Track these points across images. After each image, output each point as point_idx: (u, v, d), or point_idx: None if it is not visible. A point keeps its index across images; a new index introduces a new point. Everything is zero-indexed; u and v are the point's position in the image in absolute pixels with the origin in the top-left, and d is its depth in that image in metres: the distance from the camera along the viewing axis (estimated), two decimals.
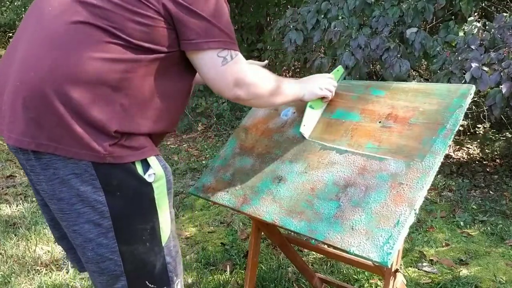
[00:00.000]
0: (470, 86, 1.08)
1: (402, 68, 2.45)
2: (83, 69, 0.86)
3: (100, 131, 0.87)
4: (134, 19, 0.88)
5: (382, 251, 0.89)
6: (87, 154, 0.87)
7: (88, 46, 0.86)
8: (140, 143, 0.93)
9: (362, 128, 1.16)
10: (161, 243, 0.98)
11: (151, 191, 0.94)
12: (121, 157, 0.90)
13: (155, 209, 0.95)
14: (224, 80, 0.98)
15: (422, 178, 0.96)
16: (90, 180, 0.89)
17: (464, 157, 3.38)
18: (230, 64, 0.97)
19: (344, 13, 2.79)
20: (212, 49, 0.94)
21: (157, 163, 0.96)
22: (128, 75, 0.89)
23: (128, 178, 0.91)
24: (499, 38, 2.26)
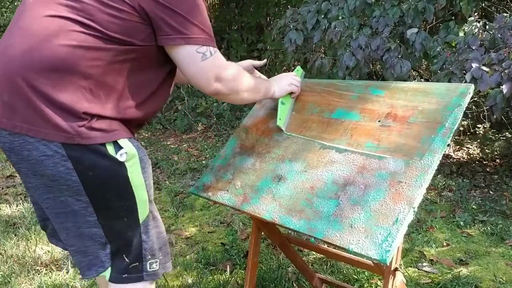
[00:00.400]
0: (469, 85, 1.09)
1: (403, 68, 2.45)
2: (53, 55, 0.90)
3: (69, 112, 0.91)
4: (109, 12, 0.92)
5: (381, 249, 0.89)
6: (57, 135, 0.91)
7: (60, 35, 0.91)
8: (110, 126, 0.96)
9: (362, 127, 1.16)
10: (138, 220, 1.01)
11: (125, 169, 0.97)
12: (90, 138, 0.93)
13: (130, 187, 0.98)
14: (204, 75, 1.01)
15: (421, 176, 0.97)
16: (61, 161, 0.92)
17: (464, 157, 3.38)
18: (210, 60, 1.00)
19: (344, 13, 2.79)
20: (190, 44, 0.98)
21: (129, 144, 0.98)
22: (99, 63, 0.93)
23: (99, 158, 0.94)
24: (500, 39, 2.26)
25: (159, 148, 4.08)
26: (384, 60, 2.54)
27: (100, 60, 0.93)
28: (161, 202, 2.85)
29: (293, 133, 1.28)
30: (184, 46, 0.98)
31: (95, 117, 0.94)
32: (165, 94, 1.10)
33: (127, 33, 0.94)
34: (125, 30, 0.94)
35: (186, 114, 4.71)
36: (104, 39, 0.93)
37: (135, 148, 1.00)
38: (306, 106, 1.34)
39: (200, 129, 4.58)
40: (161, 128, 4.75)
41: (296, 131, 1.28)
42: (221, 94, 1.07)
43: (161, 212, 2.69)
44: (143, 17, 0.94)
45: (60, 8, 0.93)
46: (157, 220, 1.08)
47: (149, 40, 0.97)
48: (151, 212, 1.05)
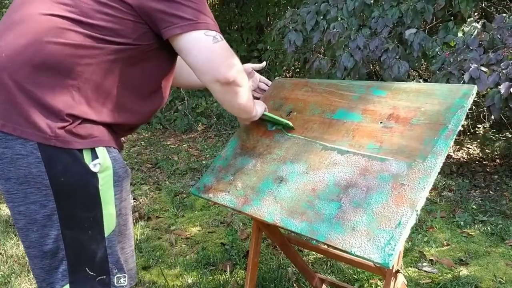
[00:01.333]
0: (472, 86, 1.08)
1: (400, 69, 2.45)
2: (40, 51, 0.88)
3: (51, 112, 0.88)
4: (102, 10, 0.90)
5: (384, 252, 0.89)
6: (33, 133, 0.88)
7: (50, 32, 0.89)
8: (91, 132, 0.93)
9: (364, 128, 1.16)
10: (103, 233, 0.97)
11: (96, 180, 0.93)
12: (68, 142, 0.89)
13: (98, 199, 0.94)
14: (221, 58, 0.94)
15: (423, 179, 0.96)
16: (35, 162, 0.89)
17: (464, 157, 3.38)
18: (222, 44, 0.95)
19: (344, 14, 2.79)
20: (198, 29, 0.92)
21: (105, 154, 0.95)
22: (88, 61, 0.90)
23: (73, 165, 0.90)
24: (498, 39, 2.26)
25: (159, 148, 4.07)
26: (382, 60, 2.54)
27: (90, 58, 0.90)
28: (161, 202, 2.85)
29: (294, 134, 1.28)
30: (191, 32, 0.92)
31: (78, 120, 0.91)
32: (160, 98, 1.06)
33: (120, 32, 0.91)
34: (118, 29, 0.91)
35: (186, 114, 4.71)
36: (95, 38, 0.90)
37: (111, 160, 0.96)
38: (307, 106, 1.33)
39: (200, 129, 4.58)
40: (161, 128, 4.74)
41: (297, 132, 1.28)
42: (236, 84, 0.98)
43: (161, 212, 2.69)
44: (139, 15, 0.92)
45: (53, 5, 0.91)
46: (124, 236, 1.03)
47: (143, 39, 0.94)
48: (118, 226, 1.00)
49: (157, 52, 0.98)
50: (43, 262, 0.95)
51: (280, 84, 1.48)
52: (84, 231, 0.95)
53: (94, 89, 0.92)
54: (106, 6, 0.90)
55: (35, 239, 0.94)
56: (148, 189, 3.07)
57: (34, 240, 0.94)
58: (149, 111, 1.05)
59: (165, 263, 2.09)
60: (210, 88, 1.00)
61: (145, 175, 3.38)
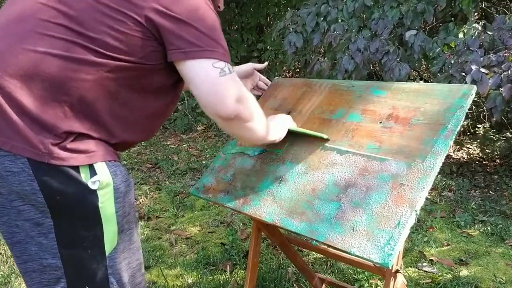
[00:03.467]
0: (471, 87, 1.08)
1: (401, 72, 2.45)
2: (33, 62, 0.82)
3: (43, 127, 0.82)
4: (107, 23, 0.83)
5: (383, 252, 0.89)
6: (25, 149, 0.82)
7: (45, 42, 0.83)
8: (87, 147, 0.87)
9: (363, 128, 1.16)
10: (104, 252, 0.92)
11: (95, 198, 0.87)
12: (63, 159, 0.83)
13: (98, 217, 0.89)
14: (224, 92, 0.87)
15: (423, 179, 0.96)
16: (27, 180, 0.83)
17: (464, 157, 3.38)
18: (229, 77, 0.88)
19: (344, 16, 2.79)
20: (206, 58, 0.86)
21: (105, 170, 0.89)
22: (85, 77, 0.84)
23: (69, 183, 0.84)
24: (499, 40, 2.26)
25: (159, 148, 4.07)
26: (383, 63, 2.54)
27: (88, 74, 0.84)
28: (161, 202, 2.85)
29: (293, 134, 1.28)
30: (198, 61, 0.86)
31: (72, 135, 0.85)
32: (163, 116, 1.01)
33: (126, 49, 0.85)
34: (124, 46, 0.84)
35: (186, 114, 4.71)
36: (96, 52, 0.84)
37: (111, 175, 0.89)
38: (306, 106, 1.33)
39: (200, 129, 4.57)
40: (161, 128, 4.74)
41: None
42: (239, 119, 0.91)
43: (161, 212, 2.69)
44: (150, 32, 0.85)
45: (53, 12, 0.84)
46: (129, 250, 0.97)
47: (150, 58, 0.88)
48: (122, 243, 0.95)
49: (164, 71, 0.92)
50: (42, 276, 0.91)
51: (279, 84, 1.48)
52: (84, 250, 0.90)
53: (89, 106, 0.86)
54: (112, 19, 0.83)
55: (34, 252, 0.89)
56: (148, 189, 3.08)
57: (34, 253, 0.90)
58: (150, 130, 1.00)
59: (165, 263, 2.09)
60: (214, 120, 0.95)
61: (145, 175, 3.38)
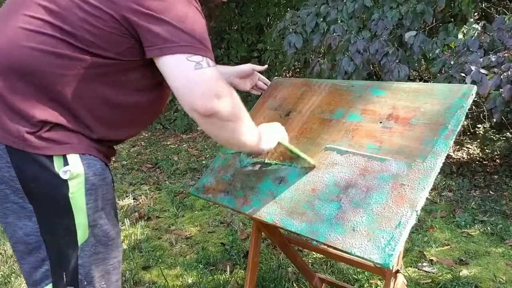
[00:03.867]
0: (472, 87, 1.08)
1: (400, 73, 2.45)
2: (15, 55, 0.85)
3: (21, 116, 0.86)
4: (87, 20, 0.85)
5: (384, 253, 0.89)
6: (3, 136, 0.86)
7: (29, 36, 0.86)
8: (63, 139, 0.89)
9: (363, 128, 1.16)
10: (77, 242, 0.94)
11: (65, 188, 0.90)
12: (37, 148, 0.87)
13: (69, 207, 0.91)
14: (200, 87, 0.85)
15: (423, 179, 0.96)
16: (6, 167, 0.88)
17: (464, 157, 3.38)
18: (207, 70, 0.85)
19: (343, 16, 2.79)
20: (179, 53, 0.85)
21: (78, 161, 0.90)
22: (65, 72, 0.86)
23: (42, 171, 0.88)
24: (499, 41, 2.26)
25: (159, 148, 4.07)
26: (382, 64, 2.54)
27: (67, 69, 0.86)
28: (161, 202, 2.85)
29: (293, 134, 1.27)
30: (173, 56, 0.85)
31: (48, 125, 0.87)
32: (144, 116, 1.01)
33: (103, 45, 0.86)
34: (101, 42, 0.86)
35: (186, 114, 4.70)
36: (75, 48, 0.86)
37: (84, 167, 0.91)
38: (306, 106, 1.33)
39: (200, 129, 4.57)
40: (161, 128, 4.75)
41: (296, 132, 1.28)
42: (218, 117, 0.88)
43: (161, 212, 2.69)
44: (126, 29, 0.86)
45: (38, 9, 0.87)
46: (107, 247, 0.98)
47: (127, 54, 0.89)
48: (95, 237, 0.96)
49: (144, 69, 0.92)
50: (29, 258, 0.95)
51: (279, 83, 1.48)
52: (60, 236, 0.93)
53: (69, 99, 0.88)
54: (92, 16, 0.85)
55: (21, 234, 0.93)
56: (148, 189, 3.07)
57: (21, 235, 0.94)
58: (134, 127, 1.01)
59: (165, 263, 2.09)
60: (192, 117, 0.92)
61: (145, 175, 3.38)
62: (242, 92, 1.37)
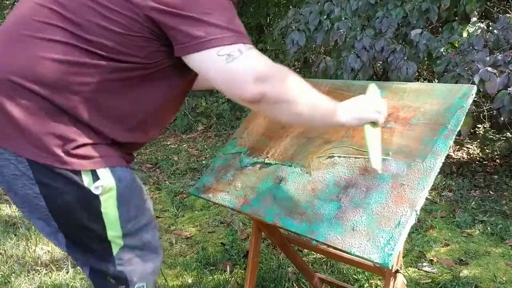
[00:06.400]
0: (472, 87, 1.08)
1: (409, 70, 2.43)
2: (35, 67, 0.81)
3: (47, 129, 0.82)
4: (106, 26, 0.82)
5: (383, 252, 0.89)
6: (28, 149, 0.81)
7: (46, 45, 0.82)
8: (91, 153, 0.85)
9: None
10: (112, 253, 0.92)
11: (98, 203, 0.86)
12: (66, 163, 0.82)
13: (102, 222, 0.88)
14: (237, 78, 0.81)
15: (423, 179, 0.96)
16: (29, 184, 0.83)
17: (464, 157, 3.38)
18: (241, 59, 0.81)
19: (347, 14, 2.78)
20: (209, 48, 0.81)
21: (109, 175, 0.87)
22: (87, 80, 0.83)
23: (70, 187, 0.84)
24: (504, 40, 2.26)
25: (159, 148, 4.07)
26: (389, 61, 2.52)
27: (88, 77, 0.83)
28: (161, 202, 2.85)
29: (294, 134, 1.28)
30: (202, 53, 0.82)
31: (76, 140, 0.84)
32: (171, 113, 1.00)
33: (124, 50, 0.83)
34: (122, 47, 0.83)
35: (186, 114, 4.71)
36: (94, 54, 0.82)
37: (115, 180, 0.88)
38: None
39: (200, 129, 4.57)
40: None
41: (296, 131, 1.28)
42: (266, 101, 0.83)
43: (161, 212, 2.69)
44: (150, 30, 0.83)
45: (47, 13, 0.83)
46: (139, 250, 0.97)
47: (152, 57, 0.86)
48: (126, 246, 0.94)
49: (170, 69, 0.90)
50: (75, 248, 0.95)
51: None
52: (92, 251, 0.92)
53: (92, 109, 0.85)
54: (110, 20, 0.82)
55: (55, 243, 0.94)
56: (148, 189, 3.08)
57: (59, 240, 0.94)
58: (158, 129, 0.99)
59: (165, 263, 2.09)
60: None
61: (145, 175, 3.38)
62: None
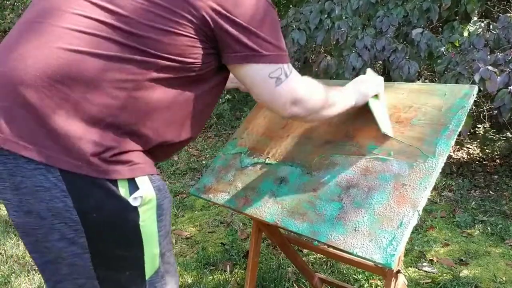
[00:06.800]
0: (473, 87, 1.08)
1: (411, 69, 2.43)
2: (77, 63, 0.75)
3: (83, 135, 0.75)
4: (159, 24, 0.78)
5: (386, 253, 0.89)
6: (62, 159, 0.73)
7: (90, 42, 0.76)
8: (130, 158, 0.79)
9: (364, 128, 1.15)
10: (144, 276, 0.85)
11: (136, 216, 0.79)
12: (103, 172, 0.75)
13: (139, 238, 0.81)
14: (280, 100, 0.92)
15: (425, 179, 0.96)
16: (61, 197, 0.75)
17: (464, 157, 3.38)
18: (286, 83, 0.90)
19: (348, 13, 2.78)
20: (263, 63, 0.87)
21: (149, 184, 0.81)
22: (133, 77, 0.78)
23: (106, 199, 0.76)
24: (504, 39, 2.26)
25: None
26: (391, 61, 2.52)
27: (131, 74, 0.77)
28: None
29: (294, 134, 1.27)
30: (255, 66, 0.86)
31: (115, 146, 0.77)
32: (205, 118, 0.97)
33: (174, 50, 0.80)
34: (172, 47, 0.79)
35: None
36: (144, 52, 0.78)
37: (155, 190, 0.82)
38: None
39: None
40: None
41: (297, 132, 1.28)
42: (298, 117, 0.98)
43: None
44: (203, 32, 0.81)
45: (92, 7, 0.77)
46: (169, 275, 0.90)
47: (200, 58, 0.83)
48: (163, 266, 0.88)
49: (212, 73, 0.89)
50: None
51: None
52: (122, 272, 0.82)
53: (138, 109, 0.79)
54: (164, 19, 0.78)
55: (67, 272, 0.81)
56: None
57: (67, 273, 0.81)
58: (192, 134, 0.94)
59: None
60: None
61: None
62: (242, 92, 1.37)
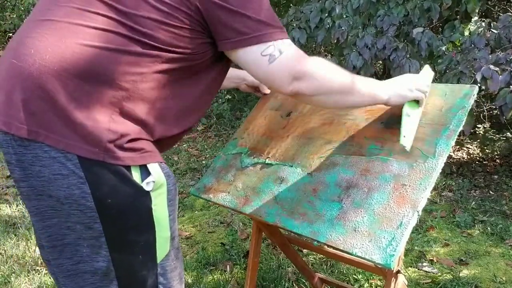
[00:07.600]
0: (474, 87, 1.08)
1: (411, 68, 2.42)
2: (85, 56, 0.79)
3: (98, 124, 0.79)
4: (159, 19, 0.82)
5: (385, 253, 0.89)
6: (81, 147, 0.78)
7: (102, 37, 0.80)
8: (143, 146, 0.84)
9: (364, 129, 1.15)
10: (155, 259, 0.88)
11: (149, 200, 0.84)
12: (119, 158, 0.80)
13: (151, 221, 0.85)
14: (278, 77, 0.88)
15: (425, 179, 0.96)
16: (78, 183, 0.79)
17: (464, 157, 3.38)
18: (281, 59, 0.87)
19: (348, 12, 2.77)
20: (254, 45, 0.86)
21: (159, 170, 0.86)
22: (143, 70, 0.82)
23: (121, 184, 0.81)
24: (505, 38, 2.26)
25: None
26: (392, 60, 2.52)
27: (143, 67, 0.82)
28: None
29: (294, 134, 1.27)
30: (247, 49, 0.86)
31: (128, 133, 0.81)
32: (206, 107, 1.00)
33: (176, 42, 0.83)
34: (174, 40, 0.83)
35: None
36: (149, 45, 0.82)
37: (165, 176, 0.86)
38: (307, 107, 1.33)
39: (200, 129, 4.57)
40: None
41: (297, 132, 1.28)
42: (302, 95, 0.91)
43: None
44: (199, 23, 0.84)
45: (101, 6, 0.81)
46: (178, 259, 0.94)
47: (199, 48, 0.87)
48: (173, 250, 0.91)
49: (212, 61, 0.92)
50: (94, 277, 0.87)
51: None
52: (135, 255, 0.86)
53: (144, 101, 0.83)
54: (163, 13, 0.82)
55: (86, 254, 0.86)
56: None
57: (86, 254, 0.86)
58: (197, 119, 0.98)
59: None
60: None
61: None
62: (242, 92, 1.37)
